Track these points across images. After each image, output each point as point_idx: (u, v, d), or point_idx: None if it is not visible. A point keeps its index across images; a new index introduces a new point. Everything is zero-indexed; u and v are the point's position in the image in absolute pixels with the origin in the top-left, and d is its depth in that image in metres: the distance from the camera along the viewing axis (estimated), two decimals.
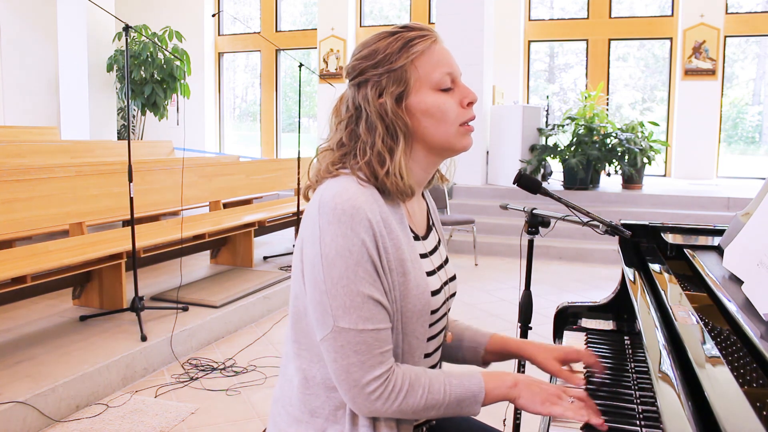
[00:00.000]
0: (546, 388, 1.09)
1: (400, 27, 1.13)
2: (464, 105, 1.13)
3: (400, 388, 1.03)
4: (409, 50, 1.09)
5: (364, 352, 1.01)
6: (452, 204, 7.01)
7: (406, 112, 1.10)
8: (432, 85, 1.10)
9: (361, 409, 1.04)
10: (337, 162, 1.11)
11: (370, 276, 1.02)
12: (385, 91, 1.09)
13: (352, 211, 1.01)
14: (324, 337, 1.03)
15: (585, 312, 1.70)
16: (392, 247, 1.05)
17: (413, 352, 1.10)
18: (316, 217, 1.03)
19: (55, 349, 3.06)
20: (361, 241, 1.01)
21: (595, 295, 1.96)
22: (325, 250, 1.01)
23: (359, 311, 1.01)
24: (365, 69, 1.10)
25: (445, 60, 1.12)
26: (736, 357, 0.95)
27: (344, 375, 1.02)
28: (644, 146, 7.34)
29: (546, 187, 1.77)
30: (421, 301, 1.08)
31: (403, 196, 1.11)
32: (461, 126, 1.13)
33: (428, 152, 1.14)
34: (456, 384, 1.07)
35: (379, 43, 1.11)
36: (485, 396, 1.08)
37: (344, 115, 1.13)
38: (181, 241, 3.97)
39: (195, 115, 11.36)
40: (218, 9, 11.70)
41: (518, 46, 10.15)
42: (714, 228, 1.72)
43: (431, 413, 1.06)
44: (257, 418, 2.74)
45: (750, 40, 9.85)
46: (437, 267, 1.18)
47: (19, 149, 5.65)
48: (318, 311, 1.03)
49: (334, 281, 1.01)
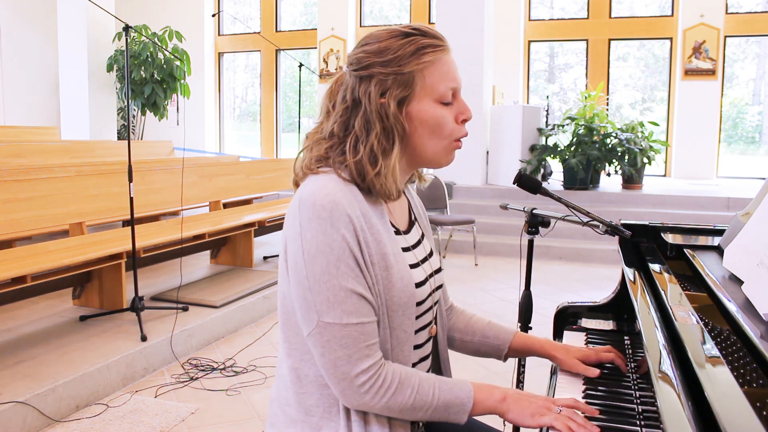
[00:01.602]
0: (534, 401, 1.09)
1: (413, 29, 1.11)
2: (459, 121, 1.13)
3: (389, 384, 1.04)
4: (421, 57, 1.08)
5: (350, 345, 1.02)
6: (452, 204, 7.00)
7: (406, 117, 1.10)
8: (435, 97, 1.10)
9: (351, 402, 1.04)
10: (322, 157, 1.11)
11: (352, 271, 1.02)
12: (389, 92, 1.08)
13: (332, 207, 1.02)
14: (310, 333, 1.04)
15: (585, 312, 1.70)
16: (373, 242, 1.06)
17: (402, 346, 1.11)
18: (297, 214, 1.04)
19: (55, 349, 3.06)
20: (341, 237, 1.01)
21: (595, 295, 1.96)
22: (307, 247, 1.02)
23: (342, 306, 1.01)
24: (372, 64, 1.09)
25: (451, 73, 1.12)
26: (736, 357, 0.95)
27: (332, 369, 1.03)
28: (644, 146, 7.35)
29: (546, 187, 1.77)
30: (405, 294, 1.09)
31: (388, 198, 1.12)
32: (452, 142, 1.14)
33: (412, 158, 1.16)
34: (446, 390, 1.07)
35: (391, 42, 1.09)
36: (473, 406, 1.08)
37: (340, 104, 1.12)
38: (181, 241, 3.97)
39: (195, 115, 11.36)
40: (218, 9, 11.70)
41: (518, 46, 10.15)
42: (714, 228, 1.72)
43: (418, 414, 1.07)
44: (257, 418, 2.74)
45: (750, 40, 9.85)
46: (421, 260, 1.19)
47: (19, 149, 5.65)
48: (303, 307, 1.04)
49: (316, 277, 1.01)
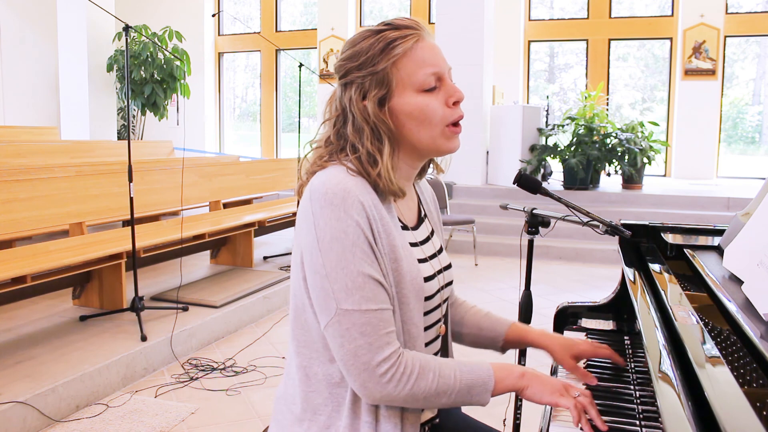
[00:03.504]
0: (553, 381, 1.09)
1: (384, 24, 1.11)
2: (450, 104, 1.10)
3: (411, 371, 1.02)
4: (391, 52, 1.08)
5: (371, 333, 1.00)
6: (452, 204, 7.00)
7: (390, 114, 1.09)
8: (415, 87, 1.08)
9: (373, 393, 1.01)
10: (325, 156, 1.12)
11: (368, 256, 1.02)
12: (369, 93, 1.08)
13: (344, 194, 1.01)
14: (328, 323, 1.01)
15: (585, 312, 1.70)
16: (384, 233, 1.05)
17: (414, 342, 1.09)
18: (309, 205, 1.03)
19: (55, 349, 3.06)
20: (355, 222, 1.01)
21: (595, 295, 1.96)
22: (321, 235, 1.01)
23: (361, 291, 1.00)
24: (350, 70, 1.10)
25: (429, 59, 1.09)
26: (736, 357, 0.95)
27: (353, 359, 1.00)
28: (644, 146, 7.34)
29: (546, 187, 1.77)
30: (414, 287, 1.08)
31: (394, 197, 1.11)
32: (447, 127, 1.10)
33: (413, 153, 1.14)
34: (466, 371, 1.06)
35: (363, 44, 1.10)
36: (495, 385, 1.07)
37: (332, 113, 1.13)
38: (181, 241, 3.97)
39: (195, 115, 11.36)
40: (218, 9, 11.70)
41: (518, 46, 10.14)
42: (714, 228, 1.72)
43: (443, 400, 1.05)
44: (257, 418, 2.74)
45: (750, 40, 9.85)
46: (429, 256, 1.18)
47: (19, 149, 5.64)
48: (320, 297, 1.02)
49: (332, 264, 1.00)
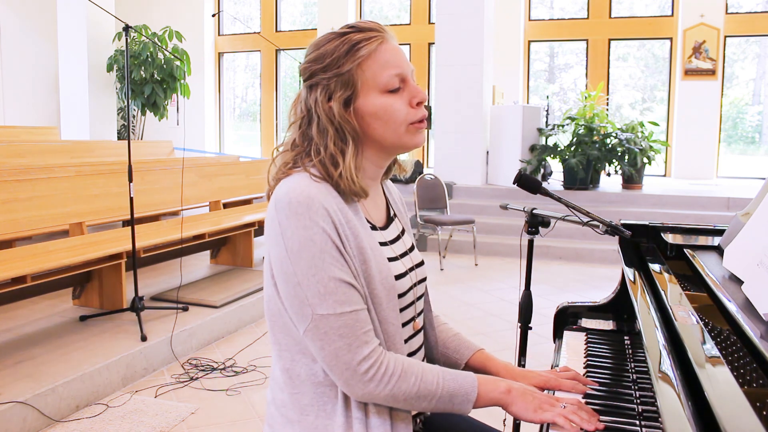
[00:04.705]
0: (538, 397, 1.10)
1: (348, 27, 1.13)
2: (414, 105, 1.13)
3: (393, 372, 1.04)
4: (356, 53, 1.10)
5: (348, 334, 1.02)
6: (452, 204, 7.00)
7: (355, 114, 1.11)
8: (379, 88, 1.11)
9: (356, 391, 1.04)
10: (290, 162, 1.13)
11: (337, 261, 1.04)
12: (334, 95, 1.10)
13: (308, 202, 1.03)
14: (306, 329, 1.04)
15: (585, 312, 1.70)
16: (351, 236, 1.07)
17: (393, 339, 1.11)
18: (274, 215, 1.05)
19: (55, 349, 3.06)
20: (321, 229, 1.03)
21: (595, 295, 1.96)
22: (289, 244, 1.03)
23: (334, 295, 1.02)
24: (315, 72, 1.12)
25: (393, 61, 1.12)
26: (736, 357, 0.95)
27: (334, 360, 1.03)
28: (644, 146, 7.34)
29: (546, 187, 1.77)
30: (386, 286, 1.10)
31: (356, 197, 1.12)
32: (411, 125, 1.13)
33: (379, 150, 1.16)
34: (450, 379, 1.08)
35: (327, 46, 1.12)
36: (477, 397, 1.08)
37: (297, 116, 1.15)
38: (181, 241, 3.97)
39: (195, 115, 11.36)
40: (218, 9, 11.70)
41: (518, 46, 10.15)
42: (714, 228, 1.72)
43: (423, 404, 1.07)
44: (257, 418, 2.74)
45: (750, 40, 9.85)
46: (400, 254, 1.20)
47: (19, 149, 5.64)
48: (295, 305, 1.05)
49: (303, 272, 1.02)
